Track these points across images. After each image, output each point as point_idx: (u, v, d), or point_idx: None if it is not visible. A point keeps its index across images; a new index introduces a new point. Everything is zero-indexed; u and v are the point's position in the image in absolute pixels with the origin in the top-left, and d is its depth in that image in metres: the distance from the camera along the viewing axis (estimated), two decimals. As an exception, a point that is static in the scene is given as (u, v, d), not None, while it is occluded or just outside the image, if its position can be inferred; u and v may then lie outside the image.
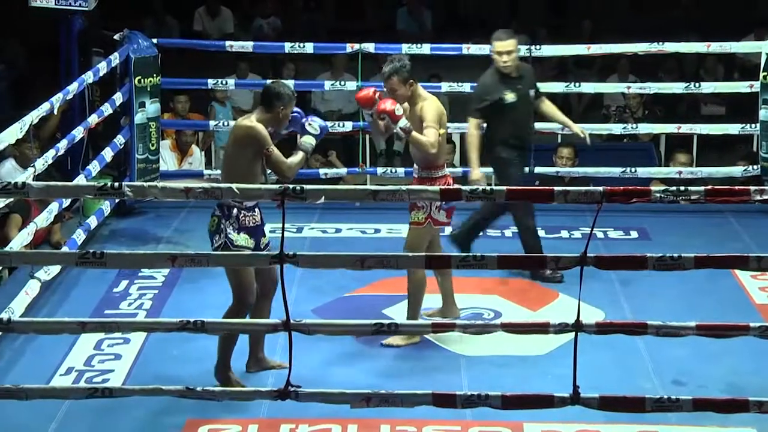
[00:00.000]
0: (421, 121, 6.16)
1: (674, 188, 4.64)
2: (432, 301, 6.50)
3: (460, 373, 5.94)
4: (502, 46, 7.17)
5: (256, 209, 5.63)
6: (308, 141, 5.71)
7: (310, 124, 5.72)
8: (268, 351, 5.87)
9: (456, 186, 5.01)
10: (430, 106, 6.22)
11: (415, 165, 6.40)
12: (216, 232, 5.57)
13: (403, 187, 4.78)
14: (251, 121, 5.58)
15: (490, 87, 7.20)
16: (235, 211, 5.53)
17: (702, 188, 4.65)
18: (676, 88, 9.20)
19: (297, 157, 5.67)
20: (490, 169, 7.45)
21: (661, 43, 8.71)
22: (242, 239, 5.55)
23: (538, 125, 8.76)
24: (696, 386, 5.69)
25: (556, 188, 4.66)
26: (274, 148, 5.58)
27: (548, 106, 7.57)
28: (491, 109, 7.16)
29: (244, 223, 5.57)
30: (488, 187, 4.72)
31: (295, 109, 5.74)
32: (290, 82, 9.13)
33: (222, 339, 5.63)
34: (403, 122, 6.06)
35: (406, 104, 6.22)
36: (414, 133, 6.10)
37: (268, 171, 5.71)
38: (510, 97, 7.14)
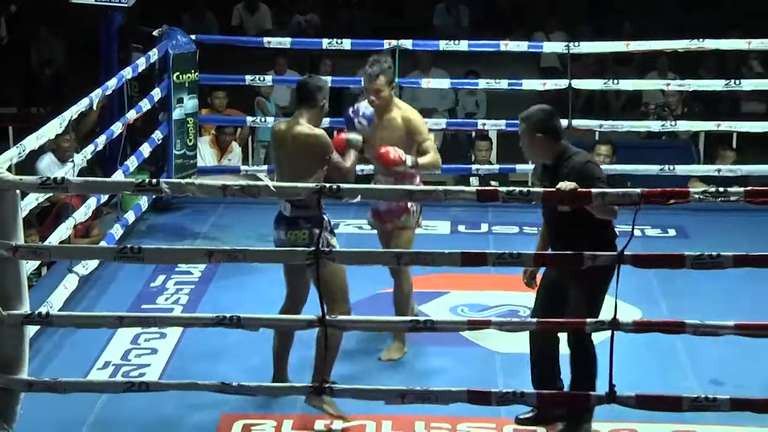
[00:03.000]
0: (405, 131, 5.95)
1: (713, 189, 4.62)
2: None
3: (495, 371, 5.93)
4: None
5: None
6: (356, 137, 5.60)
7: (360, 122, 5.62)
8: (304, 347, 5.86)
9: (494, 187, 5.00)
10: (419, 118, 6.05)
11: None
12: (311, 245, 5.19)
13: (440, 188, 4.78)
14: (310, 128, 5.40)
15: None
16: (326, 219, 5.28)
17: (741, 189, 4.62)
18: (716, 85, 9.14)
19: (351, 158, 5.55)
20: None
21: (701, 40, 8.64)
22: (335, 241, 5.43)
23: (575, 122, 8.77)
24: (734, 386, 5.64)
25: (593, 190, 4.64)
26: (335, 152, 5.47)
27: None
28: None
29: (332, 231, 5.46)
30: (525, 189, 4.70)
31: (354, 110, 5.65)
32: (327, 78, 9.18)
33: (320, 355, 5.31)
34: (411, 161, 5.87)
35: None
36: (421, 160, 5.92)
37: None
38: None
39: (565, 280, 5.15)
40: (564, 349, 5.28)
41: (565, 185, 4.73)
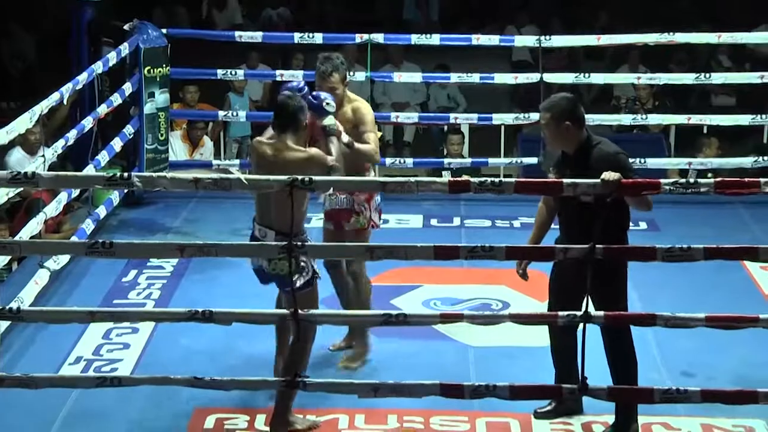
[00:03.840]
0: (353, 123, 5.84)
1: (684, 180, 4.65)
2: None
3: (468, 364, 5.95)
4: None
5: None
6: (332, 122, 5.47)
7: (328, 103, 5.50)
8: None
9: (465, 178, 5.00)
10: (367, 109, 5.93)
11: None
12: (297, 272, 5.10)
13: (412, 179, 4.78)
14: (303, 153, 5.21)
15: None
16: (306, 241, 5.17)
17: (711, 181, 4.65)
18: (687, 79, 9.19)
19: (335, 146, 5.41)
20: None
21: (671, 33, 8.68)
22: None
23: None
24: (705, 378, 5.68)
25: (565, 180, 4.66)
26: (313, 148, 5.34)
27: None
28: None
29: None
30: (496, 180, 4.71)
31: (313, 93, 5.54)
32: (299, 73, 9.18)
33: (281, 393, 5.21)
34: (346, 137, 5.68)
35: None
36: (358, 145, 5.75)
37: None
38: None
39: (581, 281, 4.85)
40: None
41: (610, 176, 4.66)
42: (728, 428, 5.30)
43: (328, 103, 5.50)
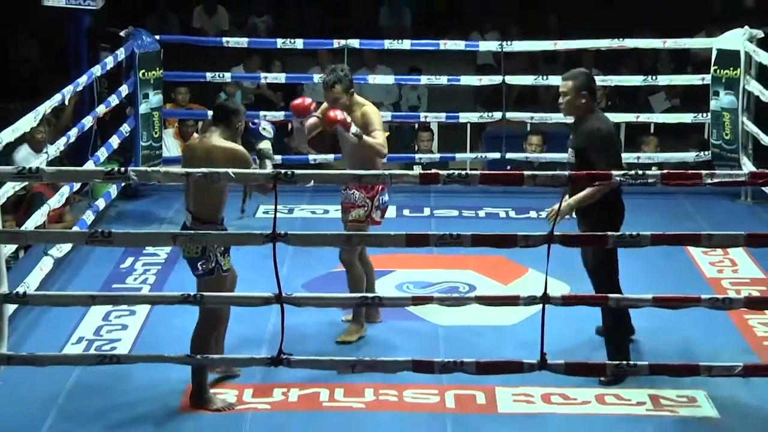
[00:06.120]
0: (363, 124, 5.82)
1: (633, 172, 4.65)
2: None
3: (437, 342, 5.95)
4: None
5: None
6: (267, 146, 5.37)
7: (264, 128, 5.40)
8: (264, 322, 5.83)
9: (434, 171, 4.99)
10: (373, 111, 5.91)
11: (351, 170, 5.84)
12: (201, 258, 5.15)
13: (386, 172, 4.77)
14: (228, 143, 5.15)
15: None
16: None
17: (658, 172, 4.66)
18: (635, 80, 9.22)
19: (268, 166, 5.30)
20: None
21: (621, 39, 8.72)
22: (228, 262, 5.25)
23: (509, 114, 8.80)
24: (652, 353, 5.70)
25: (525, 172, 4.66)
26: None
27: None
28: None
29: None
30: (463, 172, 4.71)
31: (255, 120, 5.47)
32: (281, 75, 9.15)
33: (197, 369, 5.22)
34: (354, 128, 5.73)
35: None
36: (366, 137, 5.77)
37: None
38: None
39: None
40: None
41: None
42: (673, 398, 5.32)
43: (264, 128, 5.41)
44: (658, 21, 12.16)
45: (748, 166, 8.29)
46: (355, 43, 8.77)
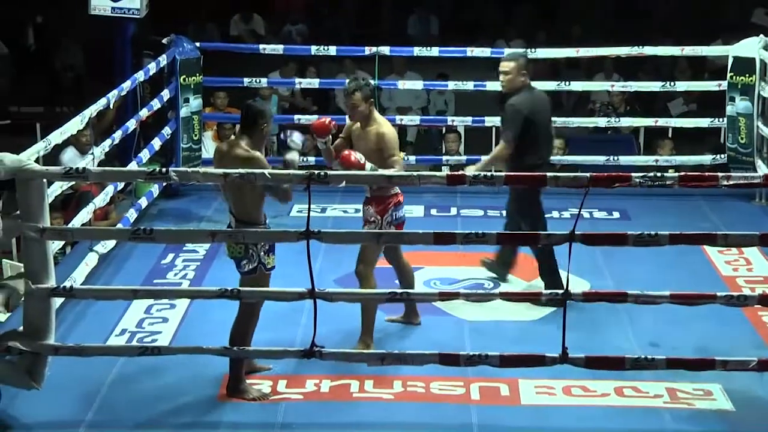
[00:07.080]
0: (376, 142, 5.64)
1: (652, 174, 4.64)
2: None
3: (463, 336, 5.94)
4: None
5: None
6: (293, 157, 5.31)
7: (292, 140, 5.36)
8: (296, 316, 5.85)
9: (461, 172, 5.00)
10: (390, 132, 5.68)
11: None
12: (244, 257, 5.15)
13: (415, 173, 4.78)
14: (246, 150, 5.08)
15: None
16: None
17: (676, 174, 4.65)
18: (654, 86, 9.18)
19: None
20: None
21: (641, 46, 8.68)
22: (272, 260, 5.22)
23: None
24: (669, 348, 5.67)
25: (549, 174, 4.65)
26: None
27: None
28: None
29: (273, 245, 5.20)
30: (489, 173, 4.71)
31: (288, 131, 5.43)
32: (315, 81, 9.16)
33: (235, 360, 5.22)
34: (370, 167, 5.51)
35: (357, 125, 5.76)
36: (381, 171, 5.50)
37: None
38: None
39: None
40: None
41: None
42: (689, 391, 5.29)
43: (292, 140, 5.36)
44: (675, 29, 12.10)
45: (762, 168, 8.24)
46: (385, 50, 8.77)
